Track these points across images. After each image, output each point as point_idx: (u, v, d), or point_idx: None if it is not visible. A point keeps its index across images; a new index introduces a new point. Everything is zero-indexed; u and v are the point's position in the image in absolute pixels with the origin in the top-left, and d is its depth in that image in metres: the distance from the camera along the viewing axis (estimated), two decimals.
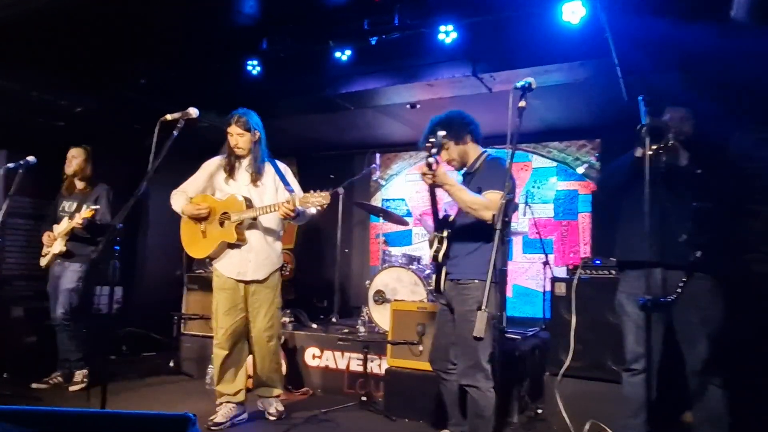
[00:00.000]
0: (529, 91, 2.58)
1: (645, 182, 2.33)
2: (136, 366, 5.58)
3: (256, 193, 3.78)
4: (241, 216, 3.64)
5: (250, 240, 3.73)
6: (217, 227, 3.72)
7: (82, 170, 4.87)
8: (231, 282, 3.75)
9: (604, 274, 3.89)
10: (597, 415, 3.63)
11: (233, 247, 3.73)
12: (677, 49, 3.61)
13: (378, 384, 4.51)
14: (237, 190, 3.76)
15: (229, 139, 3.77)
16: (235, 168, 3.81)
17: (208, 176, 3.86)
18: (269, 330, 3.83)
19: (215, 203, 3.78)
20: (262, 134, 3.82)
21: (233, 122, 3.72)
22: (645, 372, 2.74)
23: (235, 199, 3.68)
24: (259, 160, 3.79)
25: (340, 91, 5.13)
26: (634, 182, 2.64)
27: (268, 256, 3.81)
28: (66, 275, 4.79)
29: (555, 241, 6.31)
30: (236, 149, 3.76)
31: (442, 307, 3.37)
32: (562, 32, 4.03)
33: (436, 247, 3.23)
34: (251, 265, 3.74)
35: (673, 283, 2.77)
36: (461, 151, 3.30)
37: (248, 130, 3.73)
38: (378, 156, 6.14)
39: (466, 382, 3.08)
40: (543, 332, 4.91)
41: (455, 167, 3.36)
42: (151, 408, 4.22)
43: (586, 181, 6.20)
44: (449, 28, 4.34)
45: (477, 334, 2.10)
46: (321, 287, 6.90)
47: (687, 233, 2.47)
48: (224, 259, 3.77)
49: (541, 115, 5.69)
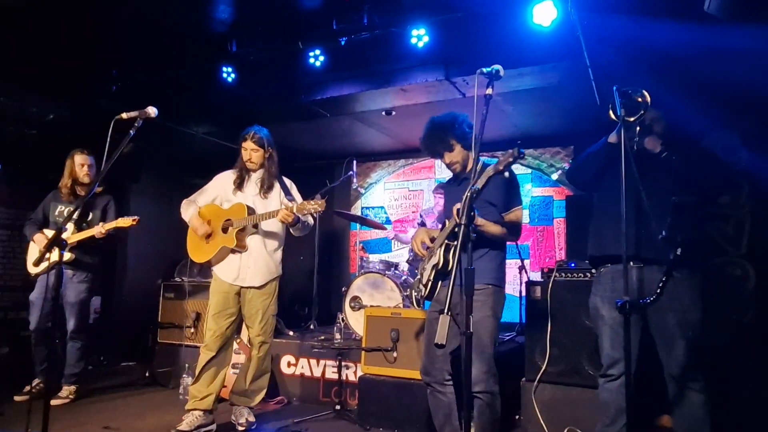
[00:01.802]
0: (496, 79, 2.33)
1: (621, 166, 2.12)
2: (111, 376, 5.33)
3: (261, 205, 3.75)
4: (242, 222, 3.60)
5: (251, 247, 3.69)
6: (220, 233, 3.69)
7: (91, 178, 4.49)
8: (226, 285, 3.68)
9: (580, 277, 3.69)
10: (575, 422, 3.48)
11: (234, 253, 3.68)
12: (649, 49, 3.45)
13: (353, 392, 4.24)
14: (244, 200, 3.73)
15: (242, 153, 3.77)
16: (244, 181, 3.81)
17: (218, 187, 3.86)
18: (262, 335, 3.75)
19: (220, 212, 3.76)
20: (275, 152, 3.84)
21: (249, 138, 3.74)
22: (622, 377, 2.53)
23: (240, 207, 3.66)
24: (272, 174, 3.81)
25: (314, 97, 4.94)
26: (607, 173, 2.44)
27: (266, 264, 3.75)
28: (72, 286, 4.45)
29: (531, 247, 6.13)
30: (248, 163, 3.77)
31: (436, 314, 3.07)
32: (534, 35, 3.89)
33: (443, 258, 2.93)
34: (250, 271, 3.68)
35: (650, 283, 2.55)
36: (465, 156, 3.08)
37: (263, 147, 3.76)
38: (355, 163, 5.91)
39: (481, 388, 2.82)
40: (519, 337, 4.69)
41: (455, 170, 3.12)
42: (115, 420, 3.93)
43: (561, 187, 6.04)
44: (421, 32, 4.16)
45: (439, 340, 1.83)
46: (302, 295, 6.63)
47: (666, 229, 2.24)
48: (223, 264, 3.72)
49: (514, 122, 5.54)
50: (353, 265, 7.02)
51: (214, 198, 3.84)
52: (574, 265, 3.76)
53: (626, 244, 2.22)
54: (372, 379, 3.98)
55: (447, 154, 3.03)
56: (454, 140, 2.99)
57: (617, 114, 2.27)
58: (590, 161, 2.79)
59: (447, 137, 2.98)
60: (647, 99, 2.30)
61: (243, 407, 3.77)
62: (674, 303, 2.53)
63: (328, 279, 7.10)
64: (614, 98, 2.27)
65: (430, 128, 3.04)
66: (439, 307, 3.04)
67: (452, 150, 3.01)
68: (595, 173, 2.75)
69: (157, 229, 6.19)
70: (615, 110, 2.28)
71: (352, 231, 7.17)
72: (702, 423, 2.56)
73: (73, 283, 4.45)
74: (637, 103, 2.30)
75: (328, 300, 6.91)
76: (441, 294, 3.03)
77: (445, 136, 2.99)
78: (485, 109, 2.30)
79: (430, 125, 3.04)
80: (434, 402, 3.10)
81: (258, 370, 3.80)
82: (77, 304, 4.45)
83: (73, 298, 4.44)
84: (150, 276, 5.96)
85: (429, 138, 3.04)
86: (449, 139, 2.99)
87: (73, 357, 4.48)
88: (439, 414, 3.08)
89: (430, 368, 3.07)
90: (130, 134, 2.79)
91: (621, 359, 2.56)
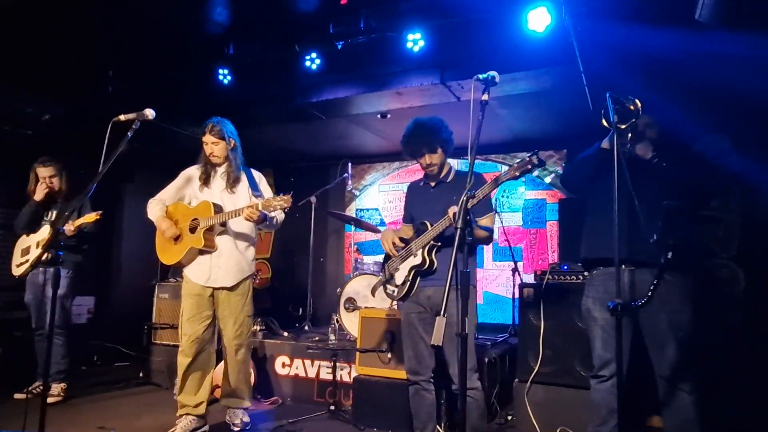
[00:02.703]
0: (492, 85, 2.35)
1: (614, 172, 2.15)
2: (106, 377, 5.30)
3: (229, 200, 3.60)
4: (209, 221, 3.44)
5: (220, 246, 3.54)
6: (188, 233, 3.54)
7: (58, 187, 4.54)
8: (198, 288, 3.55)
9: (572, 279, 3.73)
10: (567, 422, 3.51)
11: (203, 254, 3.54)
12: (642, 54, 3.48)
13: (347, 392, 4.25)
14: (211, 197, 3.59)
15: (204, 148, 3.60)
16: (210, 176, 3.65)
17: (184, 185, 3.70)
18: (238, 338, 3.63)
19: (187, 210, 3.60)
20: (237, 142, 3.67)
21: (207, 131, 3.56)
22: (613, 378, 2.56)
23: (206, 205, 3.50)
24: (236, 167, 3.64)
25: (310, 99, 4.92)
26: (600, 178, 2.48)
27: (238, 263, 3.60)
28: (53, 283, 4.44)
29: (524, 249, 6.15)
30: (212, 157, 3.60)
31: (418, 315, 3.11)
32: (528, 40, 3.90)
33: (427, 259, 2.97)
34: (221, 272, 3.55)
35: (642, 285, 2.58)
36: (444, 160, 3.12)
37: (223, 138, 3.57)
38: (350, 165, 5.92)
39: (470, 385, 2.84)
40: (512, 338, 4.71)
41: (431, 173, 3.13)
42: (109, 420, 3.92)
43: (554, 190, 6.07)
44: (417, 36, 4.17)
45: (435, 342, 1.85)
46: (297, 295, 6.64)
47: (658, 233, 2.27)
48: (194, 266, 3.58)
49: (509, 125, 5.55)
50: (348, 266, 7.02)
51: (182, 196, 3.69)
52: (566, 267, 3.79)
53: (618, 247, 2.25)
54: (366, 380, 4.00)
55: (429, 156, 3.04)
56: (439, 143, 3.02)
57: (610, 121, 2.29)
58: (583, 166, 2.82)
59: (434, 139, 3.01)
60: (639, 106, 2.33)
61: (237, 408, 3.72)
62: (665, 305, 2.57)
63: (323, 280, 7.10)
64: (607, 104, 2.29)
65: (418, 128, 3.04)
66: (420, 308, 3.08)
67: (435, 152, 3.04)
68: (587, 178, 2.78)
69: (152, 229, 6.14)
70: (608, 117, 2.30)
71: (346, 233, 7.18)
72: (692, 423, 2.58)
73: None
74: (629, 111, 2.33)
75: (322, 301, 6.90)
76: (419, 294, 3.06)
77: (432, 138, 3.01)
78: (481, 115, 2.31)
79: (418, 125, 3.05)
80: (419, 401, 3.13)
81: (240, 372, 3.69)
82: (58, 300, 4.42)
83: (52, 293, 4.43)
84: (144, 276, 5.93)
85: (416, 137, 3.04)
86: (436, 142, 3.01)
87: (57, 353, 4.45)
88: (422, 412, 3.12)
89: (418, 367, 3.10)
90: (127, 136, 2.79)
91: (612, 360, 2.59)
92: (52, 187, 4.52)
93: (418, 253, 3.01)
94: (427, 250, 2.98)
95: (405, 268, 3.09)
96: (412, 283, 3.04)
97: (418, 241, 3.02)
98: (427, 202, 3.14)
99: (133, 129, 2.84)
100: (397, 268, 3.13)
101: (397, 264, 3.14)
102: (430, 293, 3.03)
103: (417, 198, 3.27)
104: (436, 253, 2.99)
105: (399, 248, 3.13)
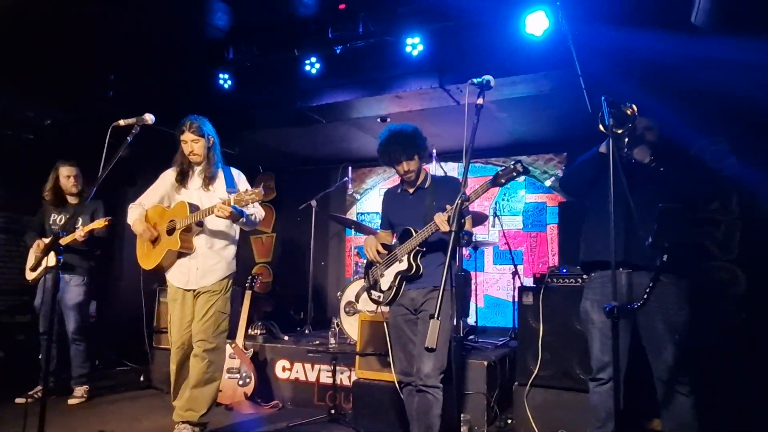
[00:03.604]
0: (487, 89, 2.36)
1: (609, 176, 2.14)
2: (107, 381, 5.31)
3: (207, 198, 3.49)
4: (185, 222, 3.33)
5: (198, 247, 3.45)
6: (165, 236, 3.44)
7: (79, 188, 4.62)
8: (180, 293, 3.47)
9: (571, 283, 3.73)
10: (566, 425, 3.51)
11: (182, 256, 3.45)
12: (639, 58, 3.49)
13: (347, 396, 4.25)
14: (188, 197, 3.50)
15: (182, 147, 3.49)
16: (187, 175, 3.55)
17: (163, 187, 3.60)
18: (200, 333, 3.36)
19: (165, 213, 3.52)
20: (216, 140, 3.57)
21: (186, 129, 3.45)
22: (611, 381, 2.55)
23: (182, 206, 3.40)
24: (214, 164, 3.53)
25: (310, 103, 4.95)
26: (598, 182, 2.49)
27: (216, 263, 3.48)
28: (69, 290, 4.53)
29: (524, 252, 6.16)
30: (192, 156, 3.49)
31: (404, 317, 3.13)
32: (526, 44, 3.93)
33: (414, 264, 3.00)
34: (198, 273, 3.43)
35: (639, 288, 2.58)
36: (420, 167, 3.15)
37: (202, 136, 3.47)
38: (350, 169, 5.94)
39: (433, 383, 2.89)
40: (513, 341, 4.71)
41: (409, 179, 3.15)
42: (109, 423, 3.94)
43: (554, 193, 6.08)
44: (416, 41, 4.20)
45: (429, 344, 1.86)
46: (298, 299, 6.65)
47: (652, 235, 2.28)
48: (175, 269, 3.49)
49: (508, 129, 5.57)
50: (348, 270, 7.03)
51: (161, 198, 3.57)
52: (565, 270, 3.79)
53: (615, 250, 2.25)
54: (366, 384, 4.00)
55: (407, 163, 3.04)
56: (417, 150, 3.03)
57: (606, 124, 2.30)
58: (582, 170, 2.82)
59: (412, 146, 3.02)
60: (635, 111, 2.33)
61: (184, 423, 3.38)
62: (662, 307, 2.57)
63: (324, 284, 7.10)
64: (603, 108, 2.30)
65: (394, 136, 3.03)
66: (405, 310, 3.10)
67: (412, 159, 3.04)
68: (586, 182, 2.77)
69: None
70: (603, 120, 2.31)
71: (347, 236, 7.18)
72: (689, 426, 2.58)
73: (71, 287, 4.53)
74: (626, 115, 2.33)
75: (323, 305, 6.91)
76: (404, 297, 3.08)
77: (409, 145, 3.01)
78: (476, 119, 2.32)
79: (394, 133, 3.05)
80: (410, 402, 3.14)
81: (199, 376, 3.37)
82: (75, 307, 4.53)
83: (71, 301, 4.53)
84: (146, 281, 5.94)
85: (392, 145, 3.02)
86: (413, 149, 3.02)
87: (78, 359, 4.58)
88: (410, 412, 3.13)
89: (408, 369, 3.13)
90: (127, 141, 2.82)
91: (610, 363, 2.58)
92: (77, 186, 4.58)
93: (404, 259, 3.05)
94: (413, 256, 3.02)
95: (390, 274, 3.12)
96: (399, 288, 3.07)
97: (403, 247, 3.04)
98: (407, 208, 3.17)
99: (132, 134, 2.86)
100: (382, 274, 3.17)
101: (382, 270, 3.17)
102: (414, 295, 3.07)
103: (395, 204, 3.28)
104: (421, 258, 3.02)
105: (382, 255, 3.17)
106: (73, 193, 4.61)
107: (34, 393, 4.44)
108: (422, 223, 2.94)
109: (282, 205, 7.44)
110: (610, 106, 2.33)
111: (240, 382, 4.49)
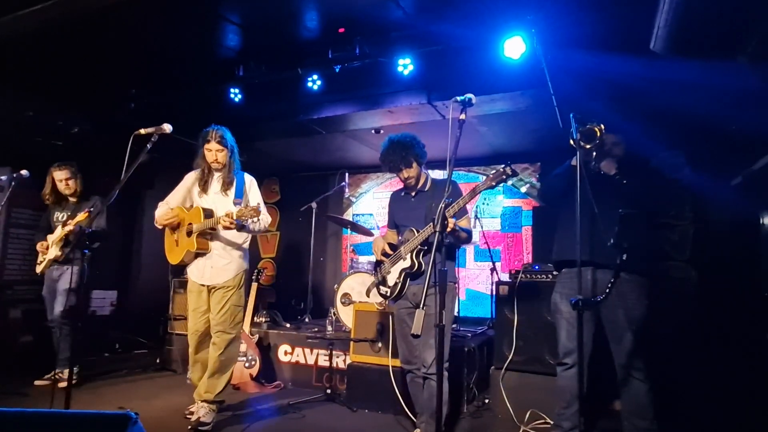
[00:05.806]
0: (469, 106, 2.38)
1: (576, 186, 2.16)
2: (126, 363, 5.27)
3: (222, 203, 3.49)
4: (200, 227, 3.37)
5: (213, 248, 3.47)
6: (185, 237, 3.47)
7: (74, 188, 4.54)
8: (196, 286, 3.50)
9: (543, 278, 3.75)
10: (537, 405, 3.52)
11: (199, 255, 3.48)
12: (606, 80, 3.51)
13: (342, 377, 4.25)
14: (207, 201, 3.51)
15: (206, 154, 3.47)
16: (208, 182, 3.55)
17: (186, 189, 3.60)
18: (219, 325, 3.42)
19: (184, 214, 3.53)
20: (235, 148, 3.58)
21: (212, 139, 3.43)
22: (576, 366, 2.57)
23: (198, 211, 3.43)
24: (233, 171, 3.54)
25: (312, 116, 4.94)
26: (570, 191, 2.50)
27: (228, 263, 3.49)
28: (64, 277, 4.45)
29: (502, 251, 6.17)
30: (215, 164, 3.48)
31: (407, 310, 3.13)
32: (505, 66, 3.92)
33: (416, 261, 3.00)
34: (213, 271, 3.47)
35: (603, 284, 2.61)
36: (419, 172, 3.13)
37: (226, 147, 3.47)
38: (347, 175, 5.94)
39: (435, 371, 2.84)
40: (490, 330, 4.72)
41: (410, 184, 3.15)
42: (129, 401, 3.92)
43: (529, 198, 6.10)
44: (407, 61, 4.20)
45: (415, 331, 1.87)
46: (299, 291, 6.64)
47: (614, 237, 2.30)
48: (193, 266, 3.53)
49: (488, 141, 5.58)
50: (344, 265, 7.02)
51: (183, 199, 3.58)
52: (537, 267, 3.81)
53: (581, 250, 2.29)
54: (359, 367, 4.01)
55: (406, 170, 3.05)
56: (414, 158, 3.03)
57: (574, 138, 2.32)
58: (557, 182, 2.83)
59: (409, 155, 3.01)
60: (602, 128, 2.34)
61: (202, 402, 3.41)
62: (622, 301, 2.60)
63: (322, 277, 7.09)
64: (571, 124, 2.32)
65: (394, 145, 3.03)
66: (409, 304, 3.10)
67: (411, 166, 3.04)
68: (561, 192, 2.77)
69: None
70: (572, 135, 2.33)
71: (344, 235, 7.17)
72: (645, 408, 2.61)
73: (66, 275, 4.45)
74: (593, 132, 2.34)
75: (321, 296, 6.90)
76: (408, 292, 3.08)
77: (407, 154, 3.01)
78: (459, 132, 2.34)
79: (394, 143, 3.04)
80: (415, 387, 3.14)
81: (217, 362, 3.41)
82: (63, 292, 4.41)
83: (61, 287, 4.43)
84: (162, 272, 5.92)
85: (392, 154, 3.03)
86: (410, 157, 3.02)
87: (63, 342, 4.39)
88: (417, 396, 3.14)
89: (410, 357, 3.12)
90: (147, 148, 2.81)
91: (575, 350, 2.60)
92: (70, 187, 4.51)
93: (407, 257, 3.04)
94: (415, 254, 3.01)
95: (396, 271, 3.11)
96: (403, 284, 3.06)
97: (406, 246, 3.04)
98: (409, 210, 3.17)
99: (152, 141, 2.86)
100: (389, 271, 3.16)
101: (389, 267, 3.16)
102: (415, 290, 3.06)
103: (399, 206, 3.29)
104: (423, 256, 3.02)
105: (389, 254, 3.16)
106: (68, 194, 4.55)
107: (51, 376, 4.39)
108: (423, 224, 2.94)
109: (285, 207, 7.43)
110: (578, 122, 2.35)
111: (246, 365, 4.48)
